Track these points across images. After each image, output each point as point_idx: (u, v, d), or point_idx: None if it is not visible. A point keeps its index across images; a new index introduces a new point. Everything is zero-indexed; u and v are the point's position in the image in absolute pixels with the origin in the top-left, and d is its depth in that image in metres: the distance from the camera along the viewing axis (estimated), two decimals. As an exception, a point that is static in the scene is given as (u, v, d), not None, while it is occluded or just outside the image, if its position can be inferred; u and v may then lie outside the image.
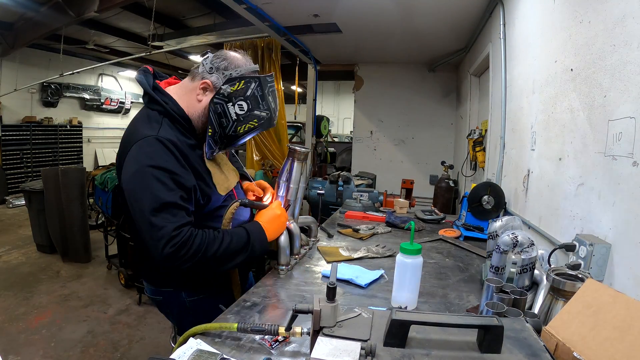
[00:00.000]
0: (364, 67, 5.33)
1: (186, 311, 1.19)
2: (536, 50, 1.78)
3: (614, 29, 1.07)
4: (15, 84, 6.68)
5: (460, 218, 2.07)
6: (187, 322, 1.12)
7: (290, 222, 1.31)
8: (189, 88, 1.15)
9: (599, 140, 1.12)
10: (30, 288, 3.29)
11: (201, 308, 1.18)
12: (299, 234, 1.36)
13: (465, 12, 3.04)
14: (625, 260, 0.96)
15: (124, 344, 2.53)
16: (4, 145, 6.85)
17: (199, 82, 1.12)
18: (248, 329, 0.82)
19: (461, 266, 1.42)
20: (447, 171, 3.61)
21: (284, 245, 1.27)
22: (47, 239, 4.04)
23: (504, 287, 0.87)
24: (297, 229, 1.34)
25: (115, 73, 9.19)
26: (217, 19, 5.17)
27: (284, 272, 1.27)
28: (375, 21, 3.42)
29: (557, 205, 1.41)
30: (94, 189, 3.84)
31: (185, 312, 1.20)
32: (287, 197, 1.31)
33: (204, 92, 1.12)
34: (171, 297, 1.20)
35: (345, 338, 0.64)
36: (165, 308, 1.26)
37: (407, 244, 1.01)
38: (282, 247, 1.27)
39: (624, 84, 1.01)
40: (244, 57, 1.18)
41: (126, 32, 6.25)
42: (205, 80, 1.11)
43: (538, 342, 0.65)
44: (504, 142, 2.33)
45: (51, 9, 4.67)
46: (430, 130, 5.16)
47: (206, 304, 1.17)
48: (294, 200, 1.33)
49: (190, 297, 1.18)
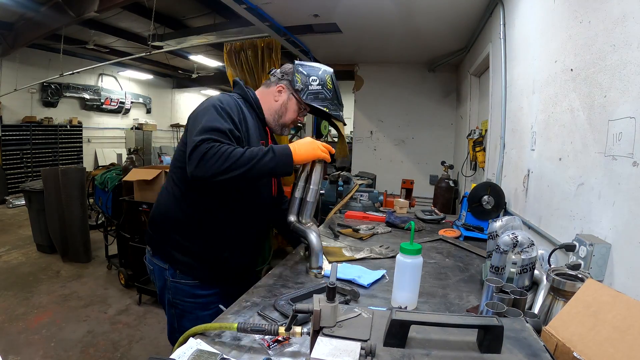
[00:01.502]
0: (364, 67, 5.33)
1: (166, 288, 1.32)
2: (536, 50, 1.78)
3: (614, 29, 1.07)
4: (15, 84, 6.69)
5: (460, 218, 2.07)
6: (164, 298, 1.33)
7: (312, 232, 1.31)
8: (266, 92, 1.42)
9: (599, 140, 1.12)
10: (30, 288, 3.29)
11: (181, 291, 1.30)
12: (320, 249, 1.31)
13: (465, 12, 3.04)
14: (625, 260, 0.96)
15: (124, 344, 2.53)
16: (4, 145, 6.86)
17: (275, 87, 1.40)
18: (248, 329, 0.82)
19: (461, 266, 1.42)
20: (447, 171, 3.61)
21: (316, 249, 1.28)
22: (47, 239, 4.04)
23: (504, 287, 0.87)
24: (318, 244, 1.30)
25: (115, 73, 9.19)
26: (217, 19, 5.18)
27: (320, 275, 1.27)
28: (375, 21, 3.42)
29: (557, 205, 1.41)
30: (94, 189, 3.84)
31: (165, 288, 1.32)
32: (307, 199, 1.35)
33: (280, 93, 1.40)
34: (159, 271, 1.33)
35: (345, 338, 0.64)
36: (154, 278, 1.39)
37: (407, 244, 1.01)
38: (315, 250, 1.28)
39: (624, 84, 1.01)
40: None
41: (126, 32, 6.25)
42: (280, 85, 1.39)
43: (538, 342, 0.65)
44: (504, 142, 2.33)
45: (51, 9, 4.67)
46: (430, 130, 5.16)
47: (186, 290, 1.30)
48: (313, 202, 1.35)
49: (172, 277, 1.30)
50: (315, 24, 3.59)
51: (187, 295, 1.30)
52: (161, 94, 10.74)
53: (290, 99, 1.40)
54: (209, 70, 9.26)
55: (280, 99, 1.40)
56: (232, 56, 4.90)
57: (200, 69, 9.28)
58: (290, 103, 1.40)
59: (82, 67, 6.68)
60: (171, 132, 11.22)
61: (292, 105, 1.40)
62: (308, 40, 4.25)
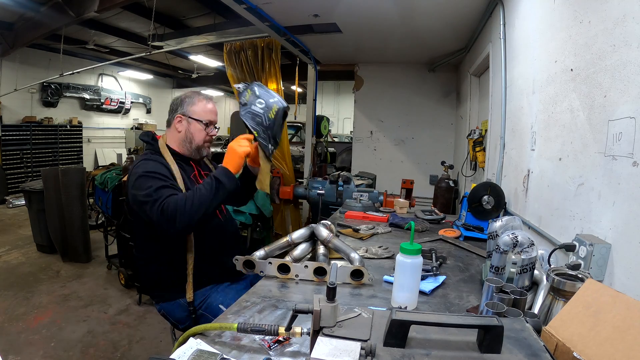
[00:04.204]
0: (364, 67, 5.32)
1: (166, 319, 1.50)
2: (536, 50, 1.78)
3: (614, 29, 1.07)
4: (15, 84, 6.69)
5: (460, 218, 2.07)
6: (188, 323, 1.44)
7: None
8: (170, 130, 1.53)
9: (599, 140, 1.12)
10: (30, 288, 3.29)
11: (170, 314, 1.46)
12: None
13: (465, 12, 3.04)
14: (625, 260, 0.96)
15: (124, 344, 2.53)
16: (4, 145, 6.86)
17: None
18: (248, 329, 0.82)
19: (461, 266, 1.42)
20: (447, 171, 3.61)
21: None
22: (47, 239, 4.03)
23: (504, 287, 0.87)
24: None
25: (115, 73, 9.19)
26: (217, 19, 5.18)
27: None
28: (375, 21, 3.42)
29: (557, 205, 1.41)
30: (94, 189, 3.84)
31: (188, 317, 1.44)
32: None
33: (180, 123, 1.48)
34: (175, 308, 1.46)
35: (345, 338, 0.64)
36: (174, 320, 1.49)
37: (407, 244, 1.01)
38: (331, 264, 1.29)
39: (624, 84, 1.01)
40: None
41: (126, 32, 6.25)
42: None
43: (538, 342, 0.65)
44: (504, 142, 2.33)
45: (51, 9, 4.67)
46: (430, 130, 5.16)
47: (169, 308, 1.46)
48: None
49: (157, 304, 1.49)
50: (315, 24, 3.58)
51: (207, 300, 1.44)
52: (161, 94, 10.74)
53: (190, 122, 1.47)
54: (209, 70, 9.26)
55: (182, 128, 1.47)
56: (232, 56, 4.90)
57: (200, 69, 9.28)
58: (193, 126, 1.47)
59: (82, 67, 6.67)
60: (171, 132, 11.18)
61: (195, 127, 1.47)
62: (308, 40, 4.25)
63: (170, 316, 1.46)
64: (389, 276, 1.24)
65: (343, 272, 1.19)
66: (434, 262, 1.35)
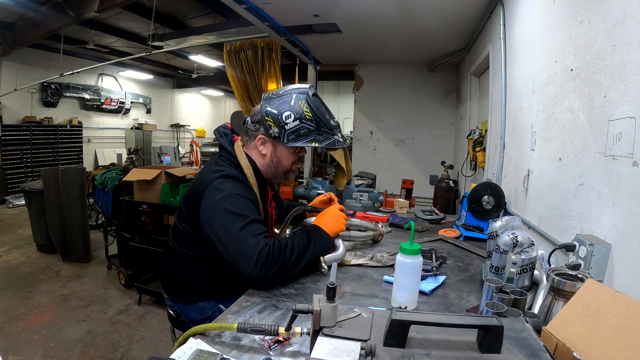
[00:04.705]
0: (364, 67, 5.33)
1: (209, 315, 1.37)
2: (536, 50, 1.78)
3: (614, 29, 1.07)
4: (15, 84, 6.69)
5: (460, 218, 2.07)
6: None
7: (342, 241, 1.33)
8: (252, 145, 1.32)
9: (599, 140, 1.12)
10: (30, 288, 3.29)
11: (184, 313, 1.37)
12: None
13: (465, 12, 3.04)
14: (625, 260, 0.96)
15: (124, 344, 2.53)
16: (4, 145, 6.86)
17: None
18: (248, 329, 0.82)
19: (461, 266, 1.42)
20: (447, 171, 3.61)
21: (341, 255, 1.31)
22: (47, 239, 4.04)
23: (504, 287, 0.87)
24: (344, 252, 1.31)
25: (115, 73, 9.19)
26: (217, 19, 5.18)
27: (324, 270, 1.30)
28: (375, 21, 3.42)
29: (557, 205, 1.41)
30: (94, 189, 3.85)
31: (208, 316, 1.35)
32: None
33: (263, 145, 1.28)
34: (200, 310, 1.35)
35: (345, 338, 0.64)
36: (191, 320, 1.38)
37: (407, 244, 1.01)
38: (339, 256, 1.31)
39: (624, 84, 1.01)
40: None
41: (126, 32, 6.25)
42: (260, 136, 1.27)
43: (538, 342, 0.65)
44: (504, 142, 2.33)
45: (51, 9, 4.67)
46: (430, 130, 5.16)
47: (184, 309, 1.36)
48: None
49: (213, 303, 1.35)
50: (315, 24, 3.59)
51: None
52: (161, 94, 10.74)
53: (276, 145, 1.26)
54: (209, 70, 9.26)
55: (267, 151, 1.27)
56: (232, 56, 4.90)
57: (200, 69, 9.28)
58: (279, 150, 1.27)
59: (82, 67, 6.67)
60: (171, 132, 11.21)
61: (282, 152, 1.27)
62: (308, 40, 4.25)
63: (184, 315, 1.38)
64: (389, 276, 1.23)
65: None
66: (434, 262, 1.34)
